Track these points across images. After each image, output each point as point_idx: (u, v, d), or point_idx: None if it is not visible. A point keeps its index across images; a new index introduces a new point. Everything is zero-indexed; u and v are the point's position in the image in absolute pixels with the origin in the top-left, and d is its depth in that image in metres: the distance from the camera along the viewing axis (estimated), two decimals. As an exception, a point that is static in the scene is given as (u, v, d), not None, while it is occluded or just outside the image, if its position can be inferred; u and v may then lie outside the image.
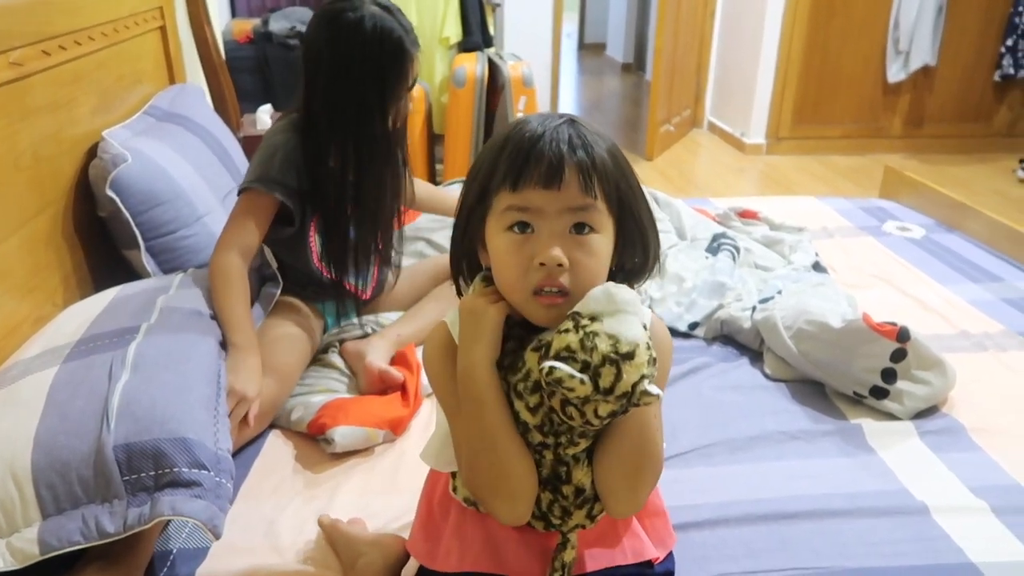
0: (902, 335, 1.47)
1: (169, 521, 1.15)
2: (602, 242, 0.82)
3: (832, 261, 2.14)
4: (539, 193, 0.78)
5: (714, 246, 2.07)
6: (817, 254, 2.09)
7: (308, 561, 1.15)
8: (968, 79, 4.69)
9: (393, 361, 1.57)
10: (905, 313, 1.85)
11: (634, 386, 0.76)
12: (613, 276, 0.87)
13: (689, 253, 2.06)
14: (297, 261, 1.63)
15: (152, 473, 1.03)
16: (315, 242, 1.62)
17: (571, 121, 0.83)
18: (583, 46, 9.03)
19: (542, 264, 0.79)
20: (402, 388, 1.51)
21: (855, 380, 1.51)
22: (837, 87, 4.70)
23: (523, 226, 0.80)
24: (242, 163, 2.17)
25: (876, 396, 1.49)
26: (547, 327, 0.83)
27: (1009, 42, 4.47)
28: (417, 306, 1.72)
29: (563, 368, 0.74)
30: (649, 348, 0.78)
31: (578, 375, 0.74)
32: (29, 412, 1.09)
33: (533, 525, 0.89)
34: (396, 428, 1.42)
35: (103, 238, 1.66)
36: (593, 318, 0.77)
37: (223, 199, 1.87)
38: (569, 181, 0.78)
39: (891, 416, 1.48)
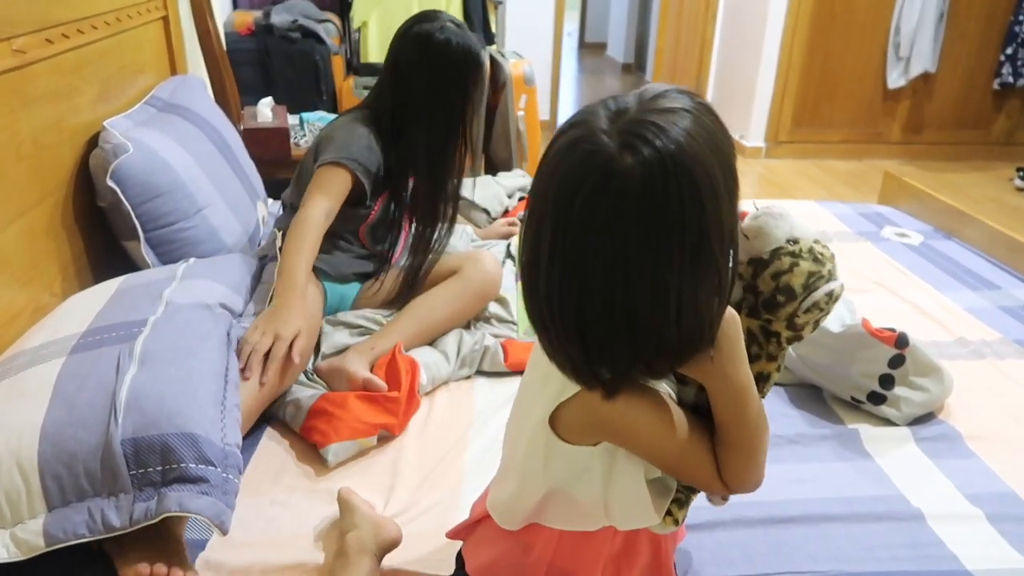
0: (901, 341, 1.48)
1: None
2: None
3: (831, 266, 2.15)
4: None
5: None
6: (816, 258, 2.10)
7: (307, 555, 1.14)
8: (967, 87, 4.70)
9: (372, 371, 1.56)
10: (903, 319, 1.86)
11: (831, 294, 0.81)
12: None
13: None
14: (345, 232, 1.76)
15: (159, 468, 1.03)
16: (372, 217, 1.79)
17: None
18: (583, 45, 9.02)
19: None
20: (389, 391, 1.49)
21: (853, 385, 1.51)
22: (837, 92, 4.71)
23: None
24: (243, 155, 2.16)
25: (873, 401, 1.49)
26: None
27: (1009, 50, 4.48)
28: (395, 321, 1.71)
29: (835, 285, 0.79)
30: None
31: (838, 282, 0.80)
32: (36, 403, 1.08)
33: (671, 511, 0.90)
34: (393, 430, 1.42)
35: (102, 229, 1.65)
36: (793, 240, 0.80)
37: (223, 191, 1.86)
38: None
39: (888, 422, 1.49)
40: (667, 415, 0.79)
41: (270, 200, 2.31)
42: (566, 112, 6.09)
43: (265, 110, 2.78)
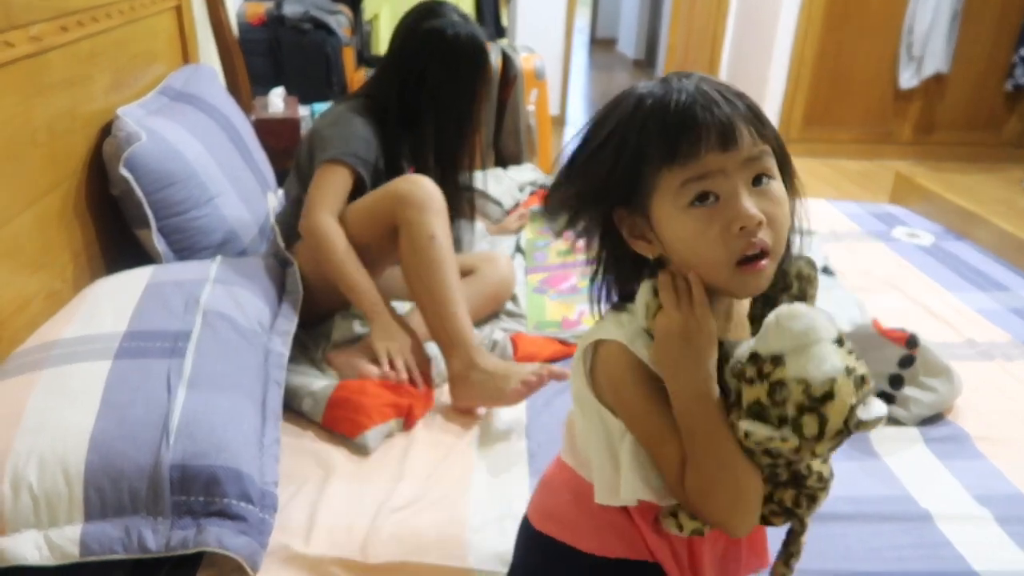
0: (911, 341, 1.47)
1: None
2: (781, 188, 0.75)
3: (841, 265, 2.14)
4: (717, 156, 0.70)
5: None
6: (827, 257, 2.09)
7: (319, 545, 1.15)
8: (980, 88, 4.67)
9: None
10: (912, 319, 1.85)
11: (846, 422, 0.68)
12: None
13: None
14: None
15: (201, 499, 1.04)
16: None
17: (703, 77, 0.75)
18: (594, 41, 9.00)
19: (742, 228, 0.70)
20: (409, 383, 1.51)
21: (862, 385, 1.51)
22: (849, 91, 4.69)
23: (704, 197, 0.72)
24: (254, 145, 2.16)
25: (883, 401, 1.49)
26: (753, 295, 0.77)
27: (1022, 52, 4.45)
28: (409, 317, 1.70)
29: (760, 431, 0.67)
30: (851, 373, 0.68)
31: (777, 434, 0.67)
32: (85, 407, 1.09)
33: (772, 521, 0.83)
34: (410, 418, 1.43)
35: (114, 216, 1.65)
36: (775, 360, 0.68)
37: (235, 181, 1.86)
38: (742, 135, 0.71)
39: (897, 422, 1.48)
40: (653, 387, 0.76)
41: (280, 190, 2.32)
42: (576, 107, 6.09)
43: (276, 100, 2.78)
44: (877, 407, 0.71)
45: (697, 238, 0.72)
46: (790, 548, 0.88)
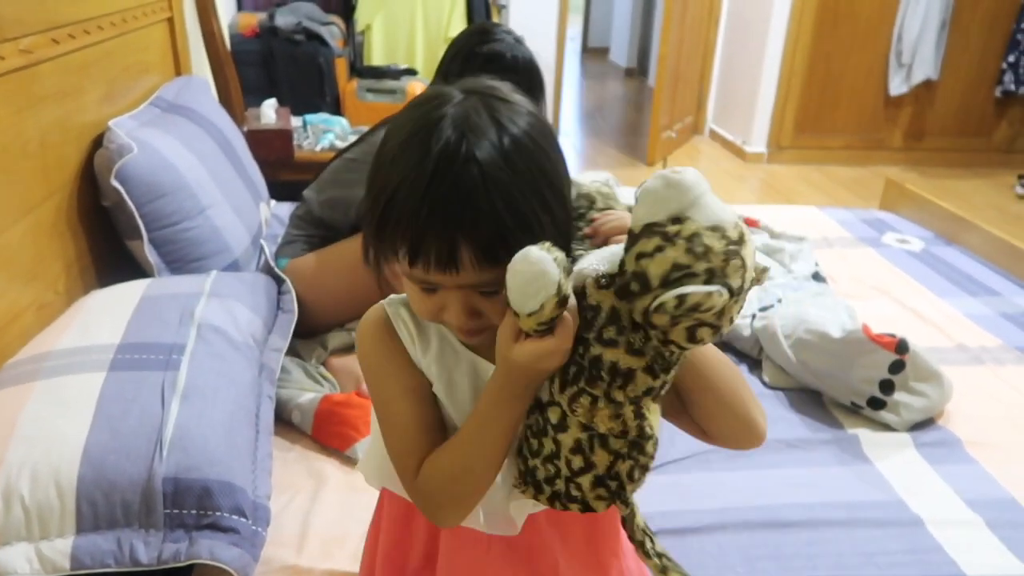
0: (901, 347, 1.48)
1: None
2: (504, 294, 0.68)
3: (831, 271, 2.15)
4: (438, 274, 0.68)
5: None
6: (817, 264, 2.10)
7: (312, 556, 1.15)
8: (969, 94, 4.71)
9: None
10: (903, 325, 1.86)
11: (755, 269, 0.65)
12: None
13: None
14: None
15: (194, 512, 1.04)
16: None
17: (483, 162, 0.65)
18: (586, 50, 9.03)
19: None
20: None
21: (853, 390, 1.52)
22: (839, 98, 4.72)
23: (428, 288, 0.71)
24: (246, 156, 2.17)
25: (873, 407, 1.50)
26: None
27: (1011, 58, 4.49)
28: None
29: (696, 291, 0.59)
30: (738, 217, 0.64)
31: (714, 288, 0.59)
32: (78, 419, 1.09)
33: (594, 507, 0.74)
34: None
35: (106, 228, 1.65)
36: (677, 220, 0.62)
37: (227, 192, 1.87)
38: (464, 262, 0.66)
39: (888, 427, 1.49)
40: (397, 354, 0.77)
41: (273, 201, 2.32)
42: (568, 116, 6.11)
43: (269, 111, 2.79)
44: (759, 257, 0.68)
45: (414, 303, 0.75)
46: (636, 537, 0.77)
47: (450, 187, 0.65)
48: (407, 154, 0.67)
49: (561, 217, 0.71)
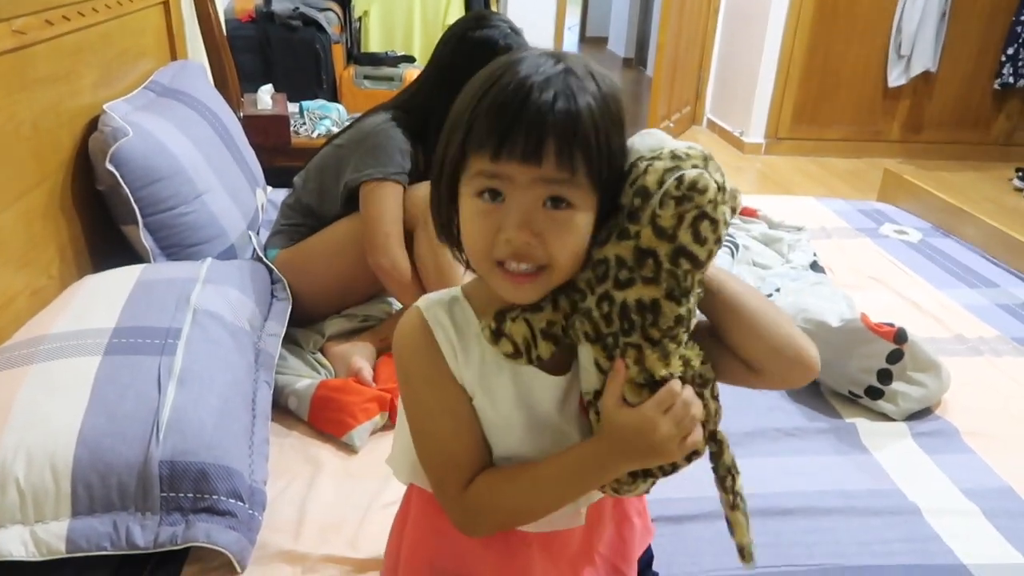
0: (900, 336, 1.48)
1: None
2: (580, 219, 0.71)
3: (829, 261, 2.15)
4: (514, 165, 0.68)
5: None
6: (815, 254, 2.10)
7: (309, 541, 1.14)
8: (968, 86, 4.70)
9: (380, 365, 1.58)
10: (901, 315, 1.85)
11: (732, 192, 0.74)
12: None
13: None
14: None
15: (191, 495, 1.04)
16: None
17: (567, 71, 0.70)
18: (585, 40, 8.99)
19: (508, 240, 0.70)
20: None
21: (851, 379, 1.51)
22: (837, 89, 4.70)
23: (494, 194, 0.70)
24: (242, 142, 2.15)
25: (871, 396, 1.50)
26: (516, 304, 0.74)
27: (1010, 51, 4.48)
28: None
29: (690, 172, 0.69)
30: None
31: (705, 171, 0.70)
32: (73, 402, 1.08)
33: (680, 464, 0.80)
34: (393, 410, 1.42)
35: (101, 212, 1.64)
36: (654, 154, 0.72)
37: (222, 177, 1.85)
38: (548, 154, 0.67)
39: (885, 416, 1.49)
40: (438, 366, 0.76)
41: (269, 187, 2.31)
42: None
43: (265, 97, 2.77)
44: None
45: (470, 226, 0.72)
46: (719, 472, 0.86)
47: (546, 88, 0.68)
48: (505, 75, 0.71)
49: (617, 178, 0.73)
